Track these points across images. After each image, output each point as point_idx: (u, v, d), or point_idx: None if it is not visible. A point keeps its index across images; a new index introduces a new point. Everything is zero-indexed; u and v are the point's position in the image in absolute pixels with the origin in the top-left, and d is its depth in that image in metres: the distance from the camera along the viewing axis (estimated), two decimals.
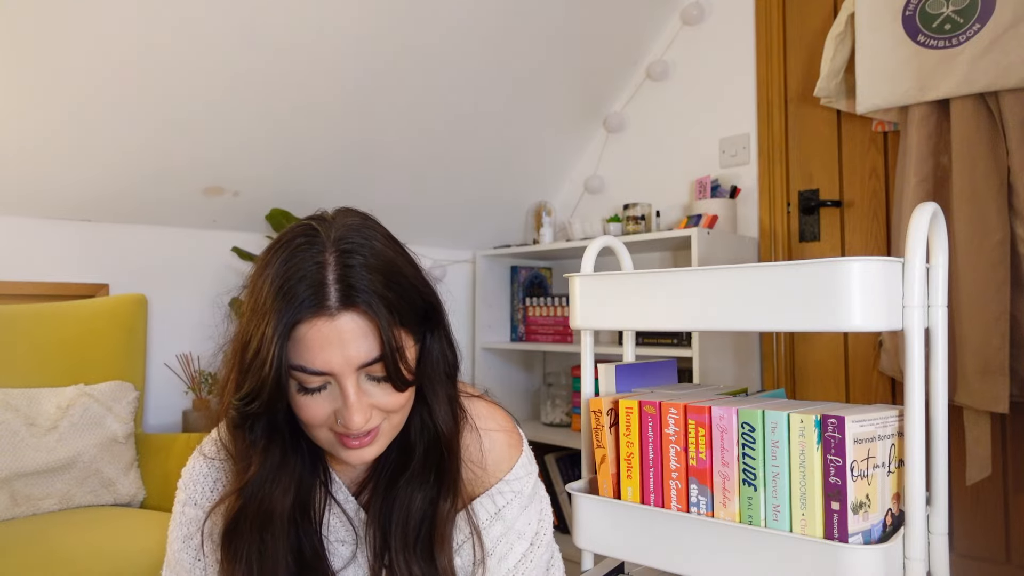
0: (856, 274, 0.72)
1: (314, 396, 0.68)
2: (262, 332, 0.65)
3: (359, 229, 0.70)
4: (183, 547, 0.81)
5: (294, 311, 0.65)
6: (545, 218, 2.63)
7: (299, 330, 0.65)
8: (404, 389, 0.70)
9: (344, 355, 0.66)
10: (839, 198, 2.12)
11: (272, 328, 0.64)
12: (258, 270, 0.70)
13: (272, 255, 0.69)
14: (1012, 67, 1.59)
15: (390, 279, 0.68)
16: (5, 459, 1.51)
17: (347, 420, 0.67)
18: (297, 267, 0.66)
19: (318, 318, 0.65)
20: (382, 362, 0.67)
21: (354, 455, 0.71)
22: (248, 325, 0.68)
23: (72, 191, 1.92)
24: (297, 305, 0.65)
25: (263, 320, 0.65)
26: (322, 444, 0.72)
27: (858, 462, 0.74)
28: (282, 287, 0.66)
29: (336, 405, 0.68)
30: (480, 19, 2.08)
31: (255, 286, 0.69)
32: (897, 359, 1.85)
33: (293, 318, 0.65)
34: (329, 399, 0.68)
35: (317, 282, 0.65)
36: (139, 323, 1.91)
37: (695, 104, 2.46)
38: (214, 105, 1.88)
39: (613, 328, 0.95)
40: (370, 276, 0.67)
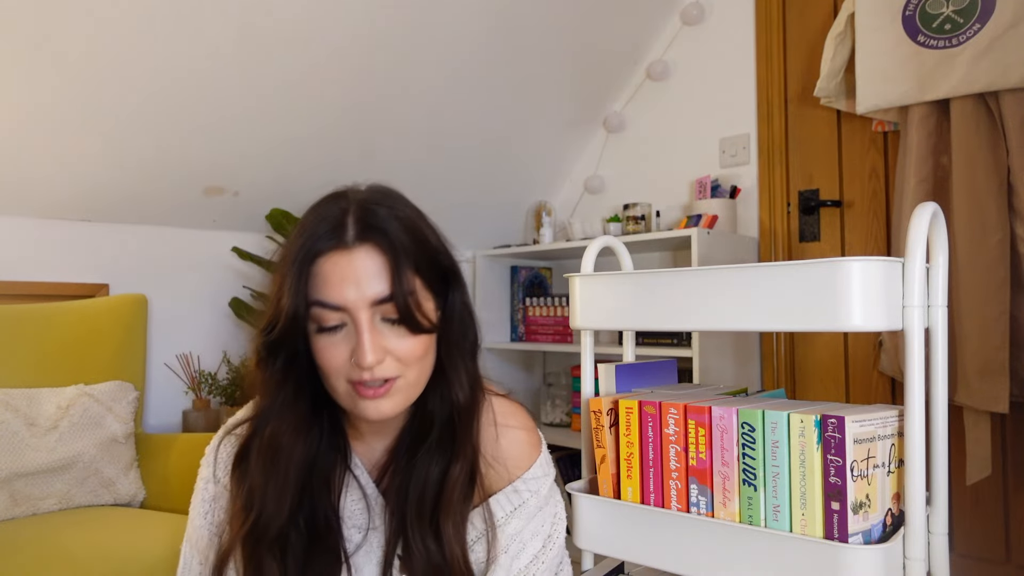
0: (856, 274, 0.72)
1: (332, 337, 0.70)
2: (285, 268, 0.70)
3: (386, 192, 0.77)
4: (203, 523, 0.82)
5: (313, 244, 0.70)
6: (545, 218, 2.63)
7: (318, 264, 0.70)
8: (418, 332, 0.72)
9: (359, 290, 0.69)
10: (839, 198, 2.12)
11: (293, 262, 0.70)
12: (292, 230, 0.75)
13: (303, 215, 0.75)
14: (1012, 67, 1.59)
15: (409, 230, 0.73)
16: (5, 459, 1.51)
17: (360, 357, 0.69)
18: (321, 213, 0.72)
19: (335, 251, 0.70)
20: (394, 302, 0.70)
21: (371, 407, 0.71)
22: (275, 271, 0.73)
23: (72, 191, 1.92)
24: (316, 239, 0.70)
25: (286, 260, 0.71)
26: (341, 399, 0.73)
27: (858, 462, 0.74)
28: (305, 229, 0.71)
29: (351, 346, 0.70)
30: (480, 19, 2.08)
31: (286, 242, 0.74)
32: (897, 359, 1.85)
33: (313, 251, 0.70)
34: (346, 341, 0.70)
35: (337, 221, 0.71)
36: (139, 323, 1.91)
37: (695, 104, 2.46)
38: (214, 105, 1.88)
39: (613, 328, 0.95)
40: (389, 221, 0.72)
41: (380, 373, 0.70)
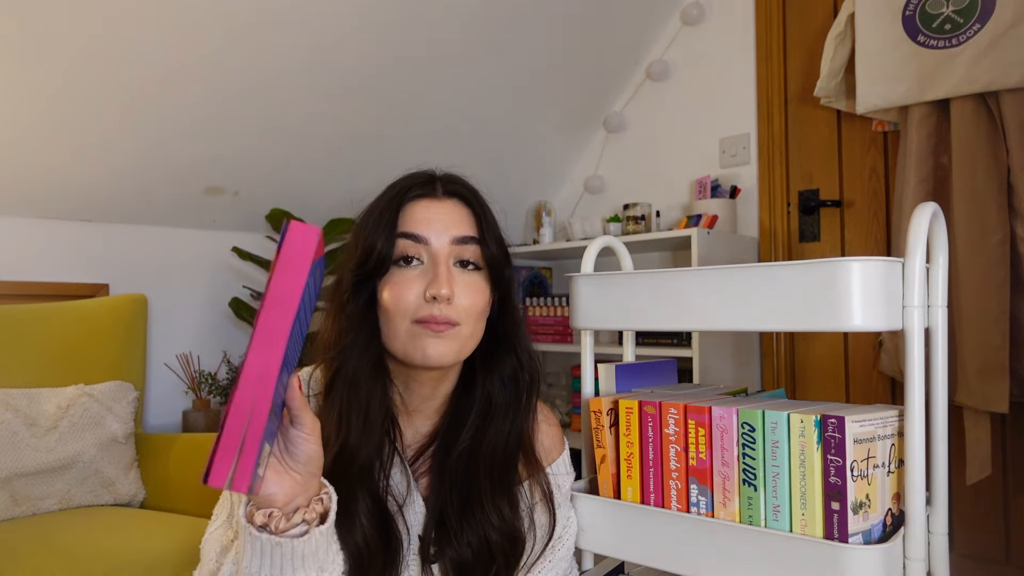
0: (856, 274, 0.72)
1: (406, 272, 0.76)
2: (375, 213, 0.78)
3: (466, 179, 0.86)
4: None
5: (404, 192, 0.80)
6: (545, 218, 2.63)
7: (409, 206, 0.79)
8: (493, 275, 0.81)
9: (445, 227, 0.78)
10: (839, 198, 2.12)
11: (383, 207, 0.78)
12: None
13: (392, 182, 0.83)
14: (1012, 67, 1.59)
15: (486, 207, 0.84)
16: (5, 459, 1.51)
17: (437, 286, 0.74)
18: (410, 176, 0.83)
19: (425, 198, 0.80)
20: (476, 244, 0.79)
21: (431, 344, 0.75)
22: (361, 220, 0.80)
23: (72, 191, 1.92)
24: (407, 189, 0.80)
25: (375, 207, 0.79)
26: (401, 342, 0.76)
27: (858, 462, 0.74)
28: (395, 185, 0.81)
29: (425, 283, 0.75)
30: (480, 19, 2.08)
31: (372, 201, 0.81)
32: (897, 359, 1.85)
33: (403, 197, 0.79)
34: (420, 279, 0.76)
35: (426, 178, 0.83)
36: (139, 323, 1.91)
37: (695, 104, 2.46)
38: (214, 105, 1.88)
39: (613, 328, 0.95)
40: (473, 188, 0.84)
41: (447, 311, 0.75)
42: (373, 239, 0.76)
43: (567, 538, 0.86)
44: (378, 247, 0.76)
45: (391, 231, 0.76)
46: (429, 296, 0.74)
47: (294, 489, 0.62)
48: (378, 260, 0.76)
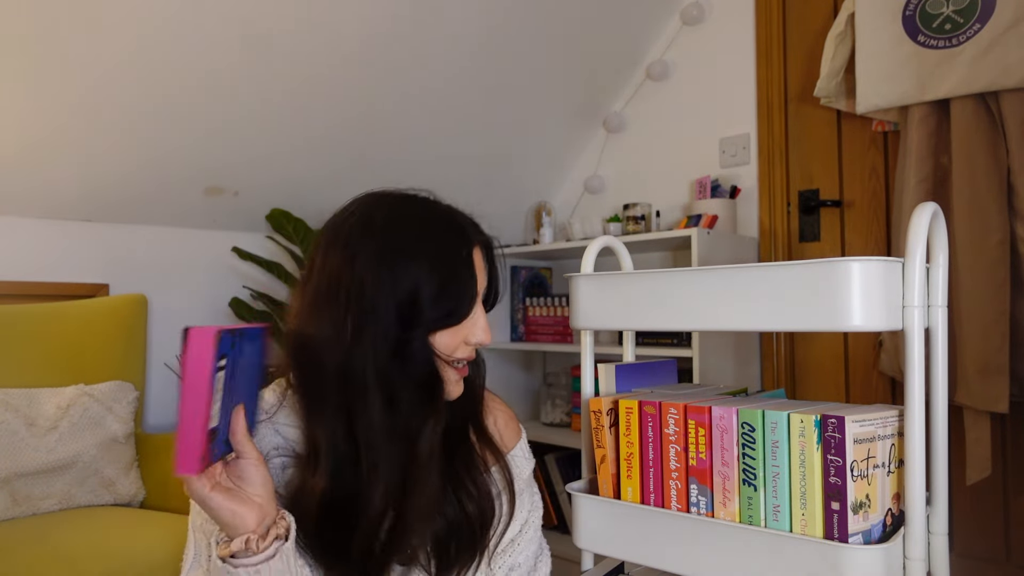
0: (856, 274, 0.72)
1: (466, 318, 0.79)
2: (450, 261, 0.77)
3: None
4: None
5: (470, 239, 0.80)
6: (545, 218, 2.63)
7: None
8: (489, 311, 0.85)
9: (482, 277, 0.82)
10: (839, 198, 2.12)
11: (458, 255, 0.78)
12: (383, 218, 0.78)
13: (394, 206, 0.80)
14: (1012, 67, 1.59)
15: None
16: (5, 459, 1.51)
17: (485, 336, 0.80)
18: (448, 214, 0.82)
19: (478, 244, 0.82)
20: (495, 287, 0.85)
21: (456, 387, 0.82)
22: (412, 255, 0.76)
23: (72, 191, 1.92)
24: (465, 238, 0.80)
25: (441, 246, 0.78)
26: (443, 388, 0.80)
27: (858, 462, 0.74)
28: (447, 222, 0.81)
29: (464, 333, 0.79)
30: (480, 19, 2.08)
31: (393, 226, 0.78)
32: (897, 359, 1.85)
33: (470, 244, 0.80)
34: (461, 327, 0.79)
35: (466, 221, 0.83)
36: (139, 323, 1.91)
37: (695, 104, 2.46)
38: (214, 105, 1.88)
39: (613, 328, 0.95)
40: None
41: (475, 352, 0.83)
42: (453, 298, 0.77)
43: (533, 520, 0.90)
44: (460, 309, 0.78)
45: (472, 290, 0.79)
46: (473, 342, 0.80)
47: (262, 511, 0.68)
48: (458, 318, 0.78)
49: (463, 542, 0.81)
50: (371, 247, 0.75)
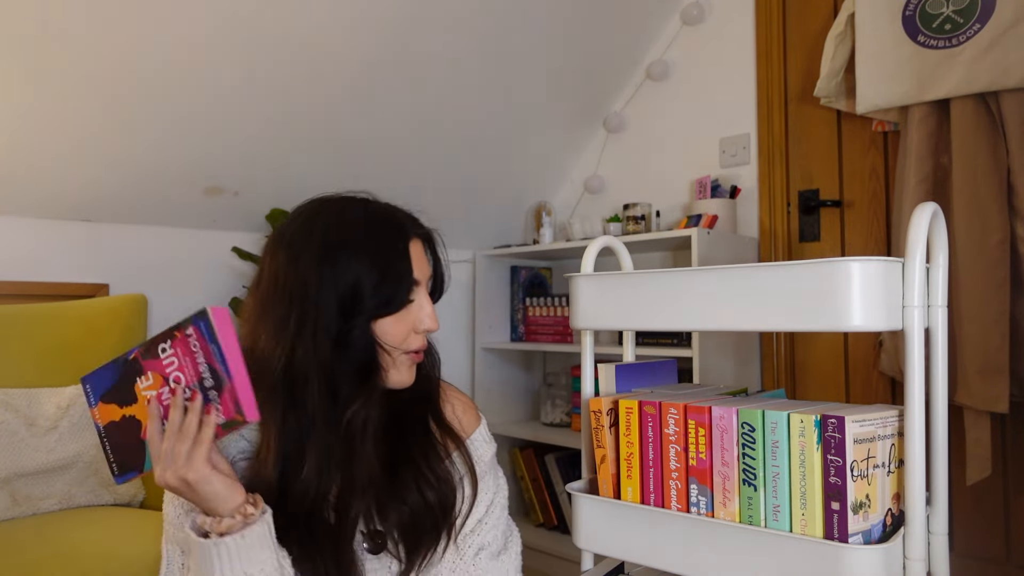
0: (856, 274, 0.72)
1: (403, 312, 0.84)
2: (383, 252, 0.82)
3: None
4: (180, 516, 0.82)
5: (403, 234, 0.85)
6: (545, 218, 2.63)
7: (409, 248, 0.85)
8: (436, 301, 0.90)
9: (424, 268, 0.87)
10: (839, 198, 2.12)
11: (391, 246, 0.83)
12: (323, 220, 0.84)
13: (335, 207, 0.86)
14: (1012, 67, 1.59)
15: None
16: (5, 459, 1.51)
17: (433, 323, 0.86)
18: (381, 210, 0.87)
19: (415, 238, 0.87)
20: (440, 275, 0.90)
21: (410, 373, 0.87)
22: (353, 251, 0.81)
23: (72, 191, 1.92)
24: (402, 229, 0.85)
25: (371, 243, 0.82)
26: (392, 372, 0.84)
27: (858, 462, 0.74)
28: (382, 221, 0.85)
29: (412, 322, 0.84)
30: (480, 19, 2.08)
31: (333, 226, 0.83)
32: (897, 359, 1.85)
33: (405, 239, 0.84)
34: (408, 316, 0.84)
35: (404, 216, 0.88)
36: (139, 323, 1.91)
37: (695, 104, 2.46)
38: (214, 105, 1.88)
39: (613, 328, 0.95)
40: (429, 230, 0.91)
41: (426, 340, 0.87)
42: (390, 286, 0.81)
43: (499, 500, 0.93)
44: (398, 297, 0.82)
45: (408, 278, 0.83)
46: (423, 331, 0.85)
47: (241, 486, 0.74)
48: (397, 306, 0.82)
49: (426, 527, 0.85)
50: (313, 247, 0.81)
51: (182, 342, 0.70)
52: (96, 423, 0.74)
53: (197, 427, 0.70)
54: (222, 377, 0.70)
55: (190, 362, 0.71)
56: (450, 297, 2.79)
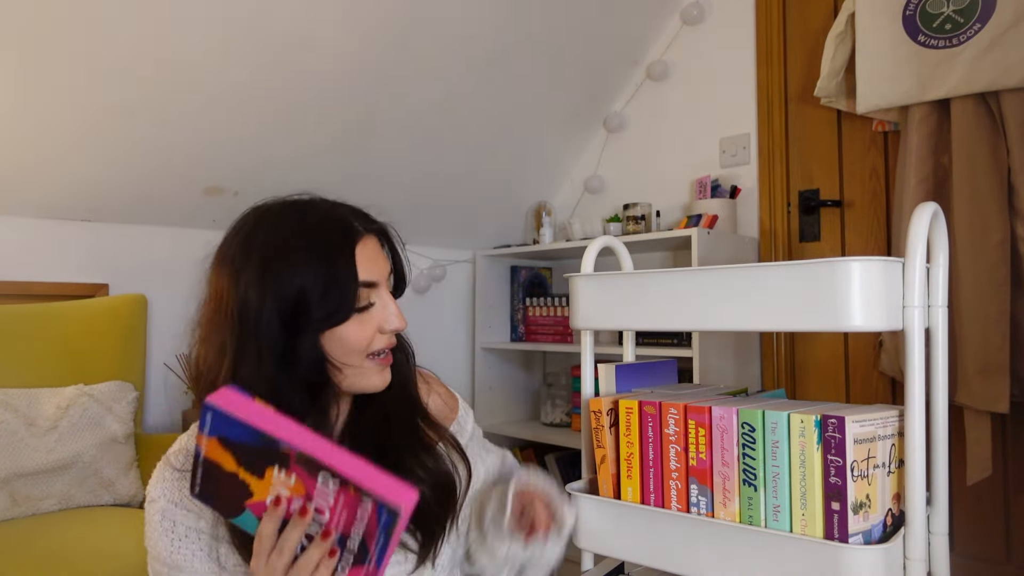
0: (856, 274, 0.72)
1: (362, 316, 0.79)
2: (325, 257, 0.77)
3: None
4: (181, 548, 0.78)
5: (349, 233, 0.79)
6: (545, 218, 2.63)
7: (357, 249, 0.79)
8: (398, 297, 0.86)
9: (385, 266, 0.82)
10: (839, 198, 2.12)
11: (335, 251, 0.77)
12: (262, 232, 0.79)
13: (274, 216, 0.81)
14: (1012, 67, 1.59)
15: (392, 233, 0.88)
16: (5, 459, 1.51)
17: (396, 320, 0.81)
18: (326, 211, 0.81)
19: (364, 236, 0.81)
20: (399, 270, 0.86)
21: (384, 373, 0.83)
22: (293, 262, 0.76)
23: (72, 191, 1.92)
24: (347, 229, 0.79)
25: (316, 251, 0.77)
26: (351, 378, 0.80)
27: (858, 462, 0.74)
28: (327, 222, 0.79)
29: (376, 324, 0.80)
30: (480, 19, 2.08)
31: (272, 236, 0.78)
32: (897, 359, 1.85)
33: (351, 239, 0.79)
34: (370, 319, 0.80)
35: (351, 213, 0.82)
36: (139, 323, 1.91)
37: (695, 104, 2.46)
38: (214, 105, 1.88)
39: (613, 328, 0.95)
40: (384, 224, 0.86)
41: (392, 339, 0.83)
42: (337, 295, 0.76)
43: (491, 460, 0.99)
44: (346, 306, 0.77)
45: (355, 284, 0.78)
46: (388, 330, 0.81)
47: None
48: (345, 315, 0.77)
49: (433, 518, 0.85)
50: (253, 263, 0.76)
51: (352, 501, 0.64)
52: (199, 447, 0.68)
53: (313, 569, 0.65)
54: (369, 561, 0.64)
55: (345, 519, 0.65)
56: (450, 297, 2.79)
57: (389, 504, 0.63)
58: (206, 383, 0.77)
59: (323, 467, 0.64)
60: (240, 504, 0.68)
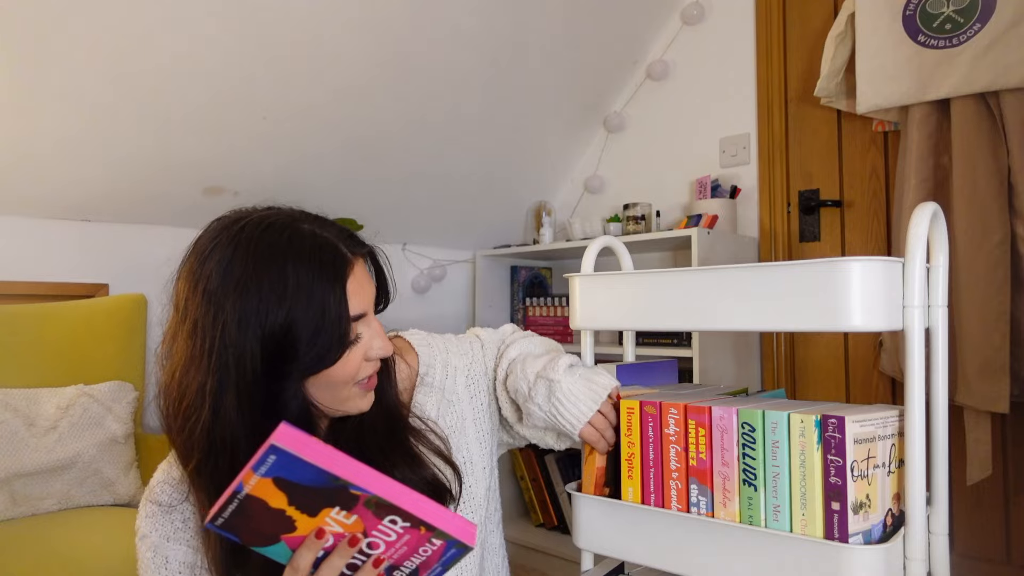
0: (856, 274, 0.72)
1: (352, 348, 0.75)
2: (323, 293, 0.71)
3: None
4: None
5: (343, 265, 0.73)
6: (545, 218, 2.63)
7: (348, 282, 0.74)
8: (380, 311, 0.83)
9: (371, 293, 0.78)
10: (839, 198, 2.12)
11: (335, 282, 0.72)
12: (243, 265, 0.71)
13: (254, 242, 0.73)
14: (1012, 67, 1.59)
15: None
16: (5, 459, 1.51)
17: (383, 347, 0.77)
18: (305, 236, 0.73)
19: (355, 262, 0.75)
20: (385, 294, 0.82)
21: (367, 399, 0.80)
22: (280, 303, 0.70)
23: (72, 191, 1.92)
24: (343, 258, 0.73)
25: (313, 285, 0.71)
26: (339, 404, 0.77)
27: (858, 462, 0.74)
28: (316, 253, 0.72)
29: (362, 354, 0.76)
30: (480, 19, 2.08)
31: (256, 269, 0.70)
32: (897, 359, 1.85)
33: (345, 272, 0.73)
34: (357, 350, 0.75)
35: (336, 234, 0.76)
36: (139, 323, 1.91)
37: (695, 104, 2.46)
38: (214, 105, 1.88)
39: (613, 328, 0.95)
40: (370, 246, 0.81)
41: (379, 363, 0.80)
42: (327, 338, 0.71)
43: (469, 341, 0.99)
44: (335, 350, 0.72)
45: (347, 326, 0.73)
46: (374, 357, 0.77)
47: None
48: (334, 359, 0.72)
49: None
50: (233, 300, 0.70)
51: (420, 539, 0.63)
52: (242, 485, 0.61)
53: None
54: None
55: (403, 553, 0.64)
56: (450, 297, 2.79)
57: (461, 541, 0.64)
58: (184, 424, 0.71)
59: (397, 510, 0.62)
60: (275, 537, 0.65)
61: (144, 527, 0.78)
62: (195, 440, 0.71)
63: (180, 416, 0.72)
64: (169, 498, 0.78)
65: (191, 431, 0.71)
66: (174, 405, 0.72)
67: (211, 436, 0.70)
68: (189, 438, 0.71)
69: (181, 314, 0.75)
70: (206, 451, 0.71)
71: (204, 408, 0.70)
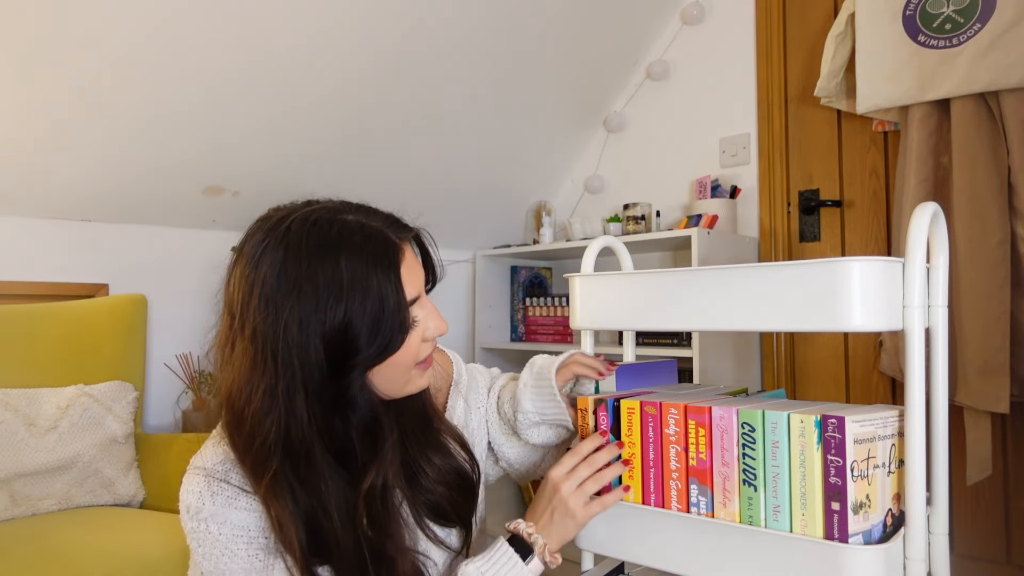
0: (856, 274, 0.72)
1: (411, 332, 0.76)
2: (380, 282, 0.71)
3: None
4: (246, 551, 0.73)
5: (394, 252, 0.74)
6: (545, 218, 2.63)
7: (401, 268, 0.74)
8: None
9: (419, 275, 0.79)
10: (839, 198, 2.12)
11: (389, 271, 0.72)
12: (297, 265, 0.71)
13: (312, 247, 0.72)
14: (1012, 67, 1.59)
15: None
16: (5, 459, 1.51)
17: (438, 326, 0.79)
18: (353, 227, 0.73)
19: (404, 246, 0.76)
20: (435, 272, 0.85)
21: (425, 378, 0.82)
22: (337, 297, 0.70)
23: (72, 191, 1.92)
24: (393, 246, 0.74)
25: (368, 276, 0.71)
26: (399, 387, 0.79)
27: (858, 462, 0.74)
28: (368, 243, 0.72)
29: (420, 335, 0.77)
30: (479, 18, 2.08)
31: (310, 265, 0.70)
32: (897, 359, 1.85)
33: (398, 258, 0.74)
34: (416, 333, 0.77)
35: (383, 221, 0.77)
36: (139, 323, 1.91)
37: (695, 104, 2.46)
38: (213, 104, 1.88)
39: (613, 328, 0.95)
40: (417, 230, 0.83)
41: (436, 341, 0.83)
42: (388, 329, 0.72)
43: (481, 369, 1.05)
44: (396, 339, 0.73)
45: (405, 313, 0.73)
46: (431, 337, 0.80)
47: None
48: (395, 348, 0.74)
49: (455, 516, 0.87)
50: (292, 302, 0.70)
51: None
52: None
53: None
54: None
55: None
56: (450, 297, 2.79)
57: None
58: (256, 430, 0.71)
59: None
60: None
61: (196, 502, 0.73)
62: (269, 445, 0.70)
63: (249, 421, 0.71)
64: (224, 469, 0.75)
65: (265, 436, 0.70)
66: (241, 412, 0.71)
67: (287, 438, 0.70)
68: (263, 444, 0.70)
69: (239, 321, 0.73)
70: (283, 456, 0.70)
71: (276, 410, 0.70)
